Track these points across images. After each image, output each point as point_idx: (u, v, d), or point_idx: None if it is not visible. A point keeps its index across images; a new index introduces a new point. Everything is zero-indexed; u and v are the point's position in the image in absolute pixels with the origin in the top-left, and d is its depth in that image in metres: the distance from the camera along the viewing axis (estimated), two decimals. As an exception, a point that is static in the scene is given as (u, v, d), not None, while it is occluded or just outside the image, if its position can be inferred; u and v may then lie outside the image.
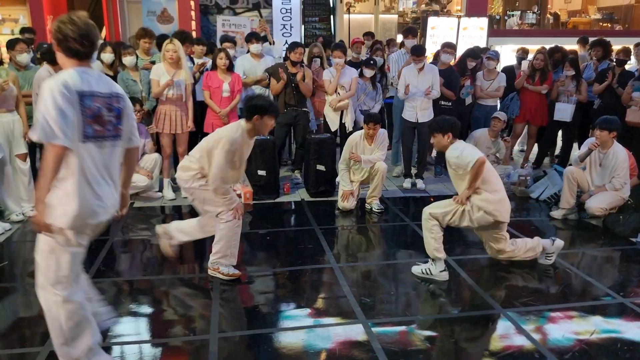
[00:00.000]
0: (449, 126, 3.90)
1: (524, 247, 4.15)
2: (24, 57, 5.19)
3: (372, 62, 6.35)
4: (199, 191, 3.76)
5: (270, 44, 7.40)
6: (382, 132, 5.56)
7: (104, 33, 11.36)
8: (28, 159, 5.10)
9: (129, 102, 2.73)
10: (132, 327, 3.29)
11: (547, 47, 7.19)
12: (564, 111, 6.59)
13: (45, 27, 9.76)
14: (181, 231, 4.07)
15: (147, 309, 3.53)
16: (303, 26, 11.64)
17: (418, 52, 6.01)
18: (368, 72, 6.32)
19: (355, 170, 5.55)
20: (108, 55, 5.79)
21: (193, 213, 5.36)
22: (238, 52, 7.00)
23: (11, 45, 5.17)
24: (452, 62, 6.72)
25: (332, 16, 12.47)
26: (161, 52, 5.50)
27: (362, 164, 5.44)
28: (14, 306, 3.56)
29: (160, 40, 6.24)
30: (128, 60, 5.75)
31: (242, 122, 3.70)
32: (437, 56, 6.93)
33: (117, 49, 5.86)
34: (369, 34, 8.81)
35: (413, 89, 5.98)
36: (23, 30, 7.21)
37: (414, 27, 7.61)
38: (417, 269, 4.00)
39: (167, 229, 4.10)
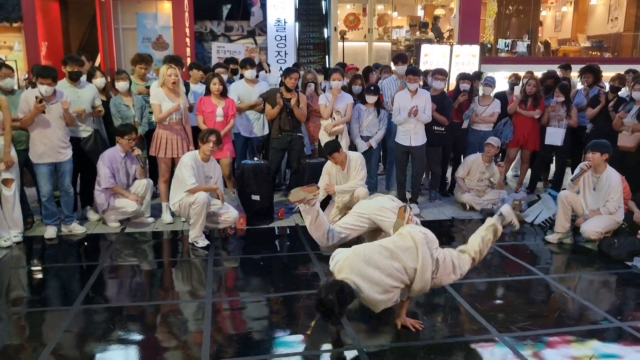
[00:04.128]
0: None
1: None
2: (8, 82, 5.15)
3: (372, 87, 6.34)
4: None
5: (266, 72, 7.42)
6: (355, 157, 5.45)
7: (98, 60, 11.42)
8: (14, 185, 4.98)
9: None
10: (122, 354, 3.21)
11: (539, 73, 7.27)
12: (555, 135, 6.63)
13: (39, 54, 9.80)
14: None
15: (137, 336, 3.44)
16: (297, 53, 11.74)
17: (413, 72, 6.08)
18: (370, 99, 6.27)
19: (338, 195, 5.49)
20: (99, 80, 5.81)
21: (182, 239, 5.31)
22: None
23: None
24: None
25: (326, 44, 12.61)
26: (160, 77, 5.50)
27: (337, 195, 5.41)
28: None
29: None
30: (121, 85, 5.76)
31: None
32: (425, 83, 6.94)
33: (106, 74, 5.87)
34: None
35: (406, 113, 6.01)
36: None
37: (404, 54, 7.71)
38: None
39: None
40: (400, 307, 3.46)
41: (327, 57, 12.51)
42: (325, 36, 12.70)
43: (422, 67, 9.31)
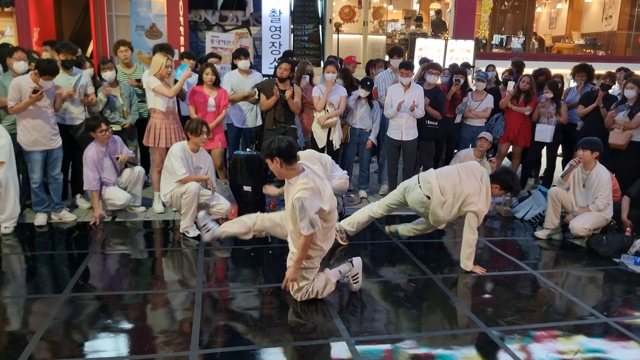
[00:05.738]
0: None
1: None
2: (21, 65, 5.11)
3: (368, 82, 6.32)
4: None
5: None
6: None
7: (91, 48, 11.32)
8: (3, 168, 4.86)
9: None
10: (111, 343, 3.21)
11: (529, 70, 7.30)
12: (544, 132, 6.67)
13: (31, 39, 9.70)
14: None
15: (126, 325, 3.44)
16: (292, 44, 11.70)
17: (407, 66, 6.07)
18: (363, 92, 6.25)
19: None
20: (89, 72, 5.78)
21: (173, 229, 5.29)
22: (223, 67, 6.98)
23: (9, 52, 5.11)
24: (438, 82, 6.77)
25: (321, 36, 12.57)
26: (155, 66, 5.41)
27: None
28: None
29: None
30: (108, 75, 5.70)
31: None
32: (421, 77, 6.95)
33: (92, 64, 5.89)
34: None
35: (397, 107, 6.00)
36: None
37: (399, 47, 7.69)
38: None
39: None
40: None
41: (322, 49, 12.48)
42: (320, 28, 12.66)
43: (416, 61, 9.34)
